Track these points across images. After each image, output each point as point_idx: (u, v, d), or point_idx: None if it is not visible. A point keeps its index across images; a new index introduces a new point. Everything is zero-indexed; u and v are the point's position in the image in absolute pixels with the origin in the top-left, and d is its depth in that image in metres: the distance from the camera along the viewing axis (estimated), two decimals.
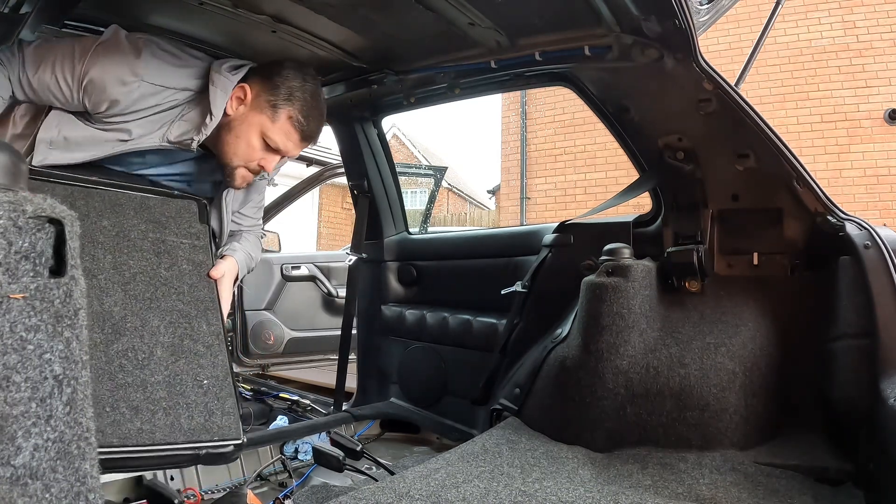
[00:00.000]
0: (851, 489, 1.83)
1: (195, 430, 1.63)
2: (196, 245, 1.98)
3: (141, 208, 1.90)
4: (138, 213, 1.89)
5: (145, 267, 1.81)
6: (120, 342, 1.64)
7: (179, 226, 1.97)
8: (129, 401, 1.57)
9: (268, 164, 2.04)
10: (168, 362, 1.70)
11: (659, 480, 1.92)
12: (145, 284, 1.78)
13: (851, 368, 1.95)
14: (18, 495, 0.67)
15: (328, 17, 2.21)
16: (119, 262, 1.76)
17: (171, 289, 1.83)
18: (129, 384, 1.59)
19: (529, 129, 13.36)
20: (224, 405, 1.72)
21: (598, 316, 2.24)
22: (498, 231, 3.56)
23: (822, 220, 2.19)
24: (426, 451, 3.04)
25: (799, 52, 10.22)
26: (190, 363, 1.74)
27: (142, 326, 1.70)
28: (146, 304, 1.75)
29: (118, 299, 1.70)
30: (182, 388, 1.68)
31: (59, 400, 0.73)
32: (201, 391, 1.70)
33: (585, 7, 1.98)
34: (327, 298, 4.98)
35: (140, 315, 1.72)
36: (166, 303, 1.80)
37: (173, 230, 1.94)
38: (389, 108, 3.23)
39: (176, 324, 1.78)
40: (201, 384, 1.72)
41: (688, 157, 2.36)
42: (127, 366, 1.62)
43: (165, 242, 1.90)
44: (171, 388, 1.66)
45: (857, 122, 9.87)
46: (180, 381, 1.69)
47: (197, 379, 1.72)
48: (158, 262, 1.85)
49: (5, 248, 0.68)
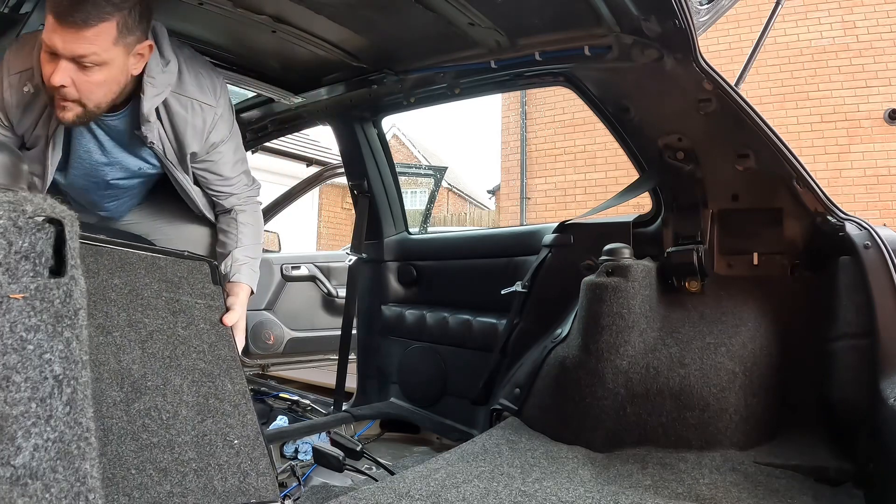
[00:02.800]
0: (851, 489, 1.83)
1: (230, 492, 1.54)
2: (211, 306, 1.90)
3: (152, 268, 1.82)
4: (149, 272, 1.80)
5: (161, 325, 1.72)
6: (141, 401, 1.53)
7: (193, 286, 1.89)
8: (157, 462, 1.46)
9: (54, 76, 1.68)
10: (195, 422, 1.59)
11: (659, 480, 1.92)
12: (163, 343, 1.69)
13: (851, 368, 1.95)
14: (18, 495, 0.67)
15: (328, 17, 2.21)
16: (134, 319, 1.67)
17: (190, 347, 1.74)
18: (154, 444, 1.48)
19: (529, 129, 13.34)
20: (258, 465, 1.62)
21: (598, 316, 2.24)
22: (498, 231, 3.56)
23: (822, 220, 2.20)
24: (426, 451, 3.04)
25: (799, 52, 10.21)
26: (217, 423, 1.63)
27: (163, 385, 1.60)
28: (166, 363, 1.65)
29: (136, 357, 1.60)
30: (212, 448, 1.57)
31: (58, 400, 0.73)
32: (233, 451, 1.61)
33: (585, 7, 1.98)
34: (327, 298, 4.98)
35: (161, 374, 1.62)
36: (187, 361, 1.70)
37: (187, 290, 1.87)
38: (389, 108, 3.23)
39: (199, 382, 1.68)
40: (232, 444, 1.62)
41: (688, 157, 2.36)
42: (151, 425, 1.51)
43: (180, 302, 1.82)
44: (201, 448, 1.55)
45: (857, 122, 9.86)
46: (209, 441, 1.58)
47: (227, 439, 1.62)
48: (175, 321, 1.76)
49: (5, 248, 0.67)
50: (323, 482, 2.41)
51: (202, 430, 1.59)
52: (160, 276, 1.82)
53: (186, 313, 1.81)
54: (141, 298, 1.72)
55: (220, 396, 1.69)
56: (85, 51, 1.66)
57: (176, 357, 1.68)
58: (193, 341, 1.76)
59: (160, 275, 1.82)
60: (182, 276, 1.88)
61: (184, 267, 1.91)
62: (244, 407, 1.73)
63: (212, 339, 1.81)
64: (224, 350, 1.82)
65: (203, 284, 1.93)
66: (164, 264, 1.85)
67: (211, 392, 1.68)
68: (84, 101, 1.76)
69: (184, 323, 1.78)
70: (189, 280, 1.89)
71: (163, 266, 1.84)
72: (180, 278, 1.87)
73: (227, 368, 1.78)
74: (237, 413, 1.69)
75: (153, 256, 1.85)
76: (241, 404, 1.72)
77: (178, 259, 1.92)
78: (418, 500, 1.70)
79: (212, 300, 1.92)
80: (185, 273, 1.90)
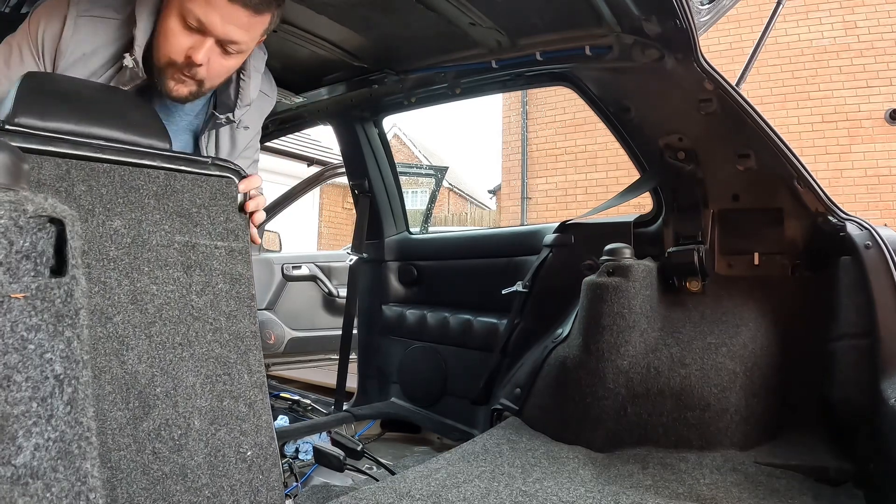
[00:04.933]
0: (851, 489, 1.83)
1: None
2: (234, 251, 1.52)
3: (164, 194, 1.42)
4: (161, 201, 1.41)
5: (172, 293, 1.39)
6: (150, 418, 1.29)
7: (214, 219, 1.50)
8: (170, 496, 1.28)
9: (195, 52, 1.58)
10: (207, 435, 1.37)
11: (659, 480, 1.92)
12: (174, 323, 1.38)
13: (852, 368, 1.95)
14: (19, 495, 0.68)
15: (329, 16, 2.21)
16: (139, 289, 1.34)
17: (205, 324, 1.43)
18: (166, 475, 1.28)
19: (530, 128, 13.35)
20: (269, 479, 1.45)
21: (599, 316, 2.24)
22: (499, 231, 3.56)
23: (823, 221, 2.19)
24: (427, 451, 3.04)
25: (800, 53, 10.21)
26: (231, 431, 1.41)
27: (174, 389, 1.34)
28: (177, 354, 1.37)
29: (142, 351, 1.31)
30: (225, 466, 1.38)
31: (59, 399, 0.73)
32: (245, 465, 1.41)
33: (586, 7, 1.98)
34: (328, 298, 4.98)
35: (171, 372, 1.35)
36: (200, 347, 1.41)
37: (206, 226, 1.48)
38: (390, 108, 3.23)
39: (214, 377, 1.42)
40: (244, 457, 1.42)
41: (688, 157, 2.36)
42: (162, 450, 1.29)
43: (196, 249, 1.45)
44: (214, 468, 1.36)
45: (858, 123, 9.86)
46: (222, 456, 1.38)
47: (240, 451, 1.41)
48: (189, 282, 1.42)
49: (6, 247, 0.68)
50: (323, 482, 2.41)
51: (215, 445, 1.38)
52: (174, 206, 1.44)
53: (203, 268, 1.46)
54: (148, 250, 1.38)
55: (235, 394, 1.45)
56: (240, 37, 1.59)
57: (188, 343, 1.39)
58: (209, 313, 1.45)
59: (174, 204, 1.44)
60: (202, 202, 1.49)
61: (206, 188, 1.50)
62: (260, 404, 1.49)
63: (231, 307, 1.49)
64: (244, 321, 1.51)
65: (226, 216, 1.53)
66: (180, 186, 1.45)
67: (226, 390, 1.44)
68: (205, 81, 1.67)
69: (199, 285, 1.45)
70: (210, 210, 1.50)
71: (179, 190, 1.45)
72: (199, 208, 1.48)
73: (246, 350, 1.50)
74: (252, 414, 1.47)
75: (168, 175, 1.44)
76: (256, 401, 1.49)
77: (199, 177, 1.50)
78: (419, 500, 1.71)
79: (235, 239, 1.54)
80: (206, 198, 1.50)
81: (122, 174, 1.36)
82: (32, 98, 1.31)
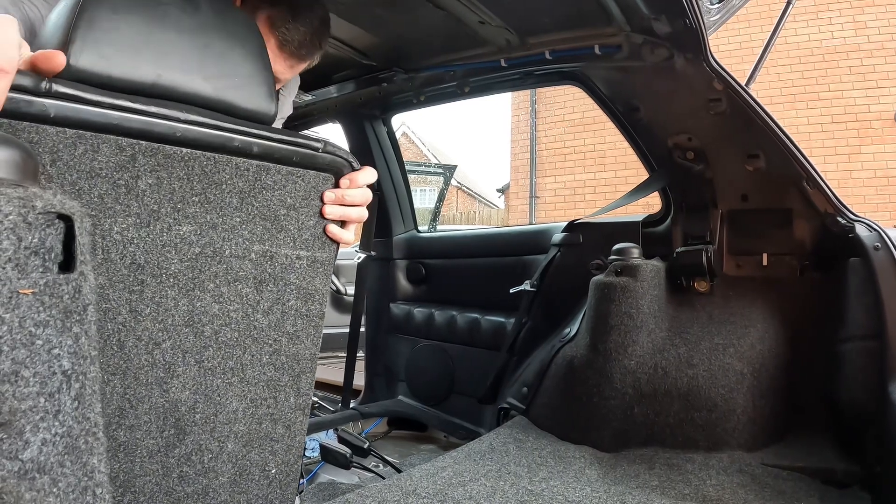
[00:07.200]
0: (858, 492, 1.82)
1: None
2: (317, 260, 1.26)
3: (252, 191, 1.11)
4: (245, 201, 1.11)
5: (236, 313, 1.15)
6: (184, 444, 1.12)
7: (303, 223, 1.21)
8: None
9: None
10: (238, 457, 1.21)
11: (666, 481, 1.92)
12: (230, 346, 1.15)
13: (860, 370, 1.94)
14: (26, 489, 0.68)
15: (338, 15, 2.21)
16: (197, 309, 1.09)
17: (263, 345, 1.20)
18: (188, 495, 1.15)
19: (539, 127, 13.34)
20: (285, 493, 1.32)
21: (607, 315, 2.23)
22: (507, 230, 3.56)
23: (832, 222, 2.18)
24: (433, 449, 3.04)
25: (810, 53, 10.17)
26: (262, 451, 1.25)
27: (214, 415, 1.16)
28: (226, 379, 1.16)
29: (189, 379, 1.10)
30: (247, 483, 1.24)
31: (67, 395, 0.73)
32: (265, 482, 1.28)
33: (596, 6, 1.98)
34: (336, 296, 4.98)
35: (215, 399, 1.15)
36: (253, 371, 1.20)
37: (291, 233, 1.20)
38: (399, 107, 3.23)
39: (258, 402, 1.22)
40: (268, 475, 1.28)
41: (697, 156, 2.36)
42: (189, 473, 1.14)
43: (274, 260, 1.18)
44: (235, 486, 1.22)
45: (867, 123, 9.82)
46: (247, 475, 1.24)
47: (265, 469, 1.27)
48: (257, 299, 1.17)
49: (15, 243, 0.68)
50: (330, 479, 2.42)
51: (243, 465, 1.23)
52: (259, 207, 1.13)
53: (277, 282, 1.20)
54: (217, 262, 1.10)
55: (276, 417, 1.27)
56: (285, 77, 1.81)
57: (241, 367, 1.18)
58: (271, 334, 1.22)
59: (260, 205, 1.13)
60: (294, 202, 1.19)
61: (300, 186, 1.18)
62: (297, 427, 1.32)
63: (297, 327, 1.26)
64: (306, 342, 1.29)
65: (317, 219, 1.24)
66: (271, 182, 1.14)
67: (267, 414, 1.25)
68: None
69: (268, 302, 1.19)
70: (300, 212, 1.20)
71: (269, 186, 1.13)
72: (289, 209, 1.18)
73: (300, 372, 1.30)
74: (287, 436, 1.30)
75: (258, 169, 1.11)
76: (295, 423, 1.31)
77: (294, 171, 1.17)
78: (425, 498, 1.71)
79: (321, 248, 1.26)
80: (298, 198, 1.19)
81: (203, 165, 1.04)
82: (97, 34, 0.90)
